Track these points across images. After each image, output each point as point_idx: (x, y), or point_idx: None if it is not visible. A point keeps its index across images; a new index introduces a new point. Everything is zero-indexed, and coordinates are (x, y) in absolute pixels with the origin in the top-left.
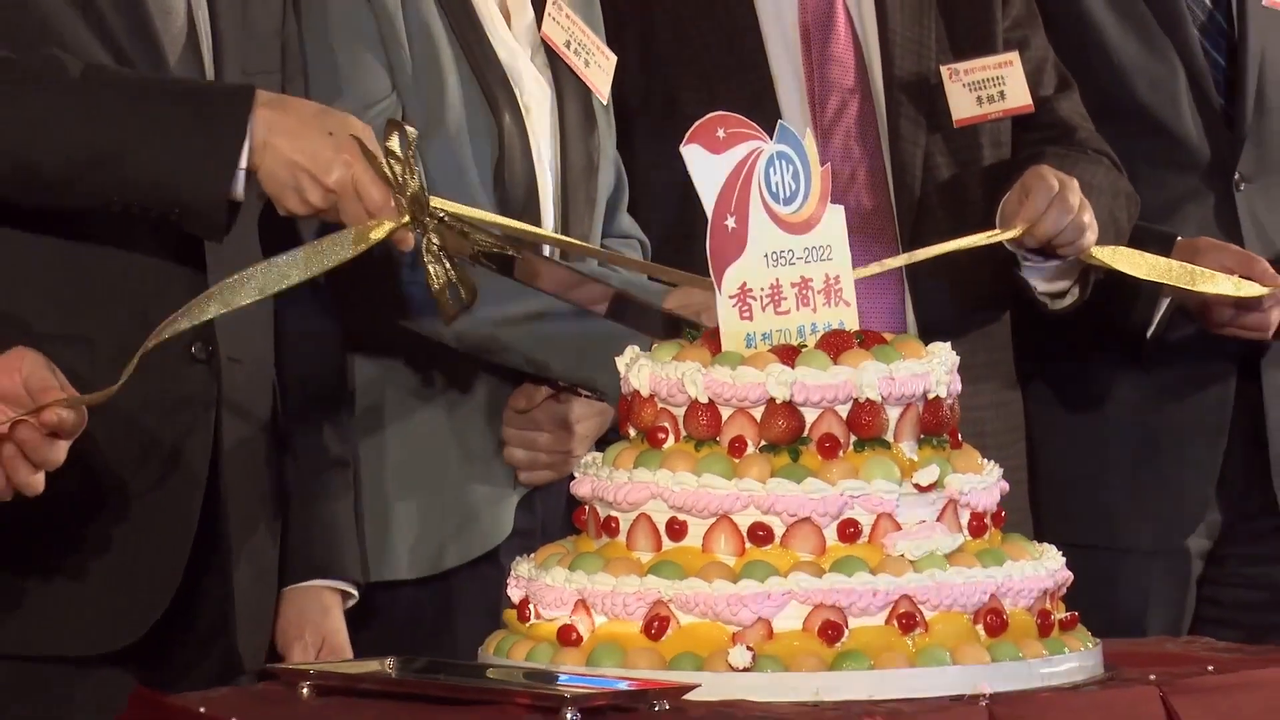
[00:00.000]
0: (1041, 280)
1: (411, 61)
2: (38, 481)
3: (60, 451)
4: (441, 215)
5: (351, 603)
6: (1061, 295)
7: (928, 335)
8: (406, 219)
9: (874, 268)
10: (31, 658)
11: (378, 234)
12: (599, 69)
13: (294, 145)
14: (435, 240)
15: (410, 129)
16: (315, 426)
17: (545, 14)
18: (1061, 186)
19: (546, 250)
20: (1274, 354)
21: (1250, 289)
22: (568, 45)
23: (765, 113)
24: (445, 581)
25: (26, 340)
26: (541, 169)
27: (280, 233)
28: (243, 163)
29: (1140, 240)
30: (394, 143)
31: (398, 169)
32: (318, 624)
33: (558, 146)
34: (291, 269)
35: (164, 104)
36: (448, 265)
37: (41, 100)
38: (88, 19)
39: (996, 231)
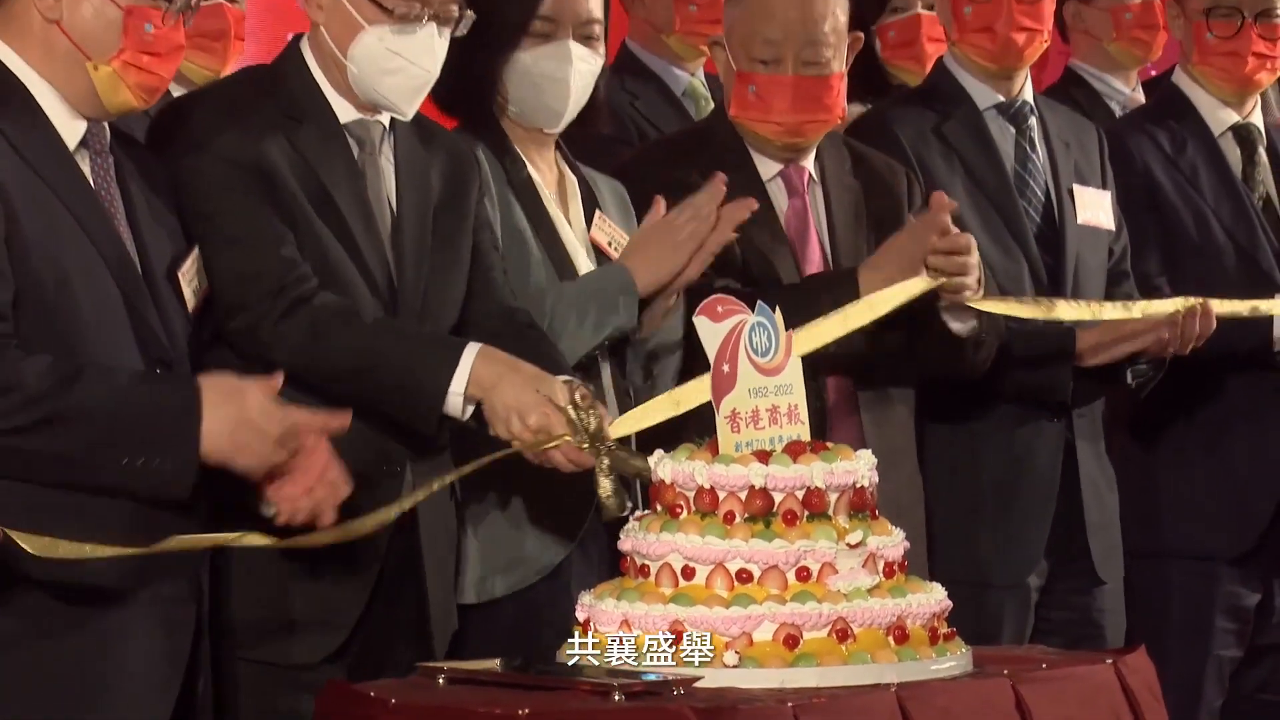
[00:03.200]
0: (952, 318)
1: (508, 256)
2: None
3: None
4: (611, 445)
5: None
6: (965, 323)
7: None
8: (586, 445)
9: (809, 327)
10: (258, 662)
11: (550, 445)
12: None
13: (510, 394)
14: (606, 461)
15: (581, 388)
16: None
17: (593, 224)
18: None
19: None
20: (1082, 431)
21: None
22: (609, 244)
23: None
24: (527, 599)
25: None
26: None
27: None
28: (458, 386)
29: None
30: (577, 395)
31: (581, 415)
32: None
33: None
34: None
35: (404, 343)
36: (613, 480)
37: (344, 330)
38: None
39: (906, 283)
